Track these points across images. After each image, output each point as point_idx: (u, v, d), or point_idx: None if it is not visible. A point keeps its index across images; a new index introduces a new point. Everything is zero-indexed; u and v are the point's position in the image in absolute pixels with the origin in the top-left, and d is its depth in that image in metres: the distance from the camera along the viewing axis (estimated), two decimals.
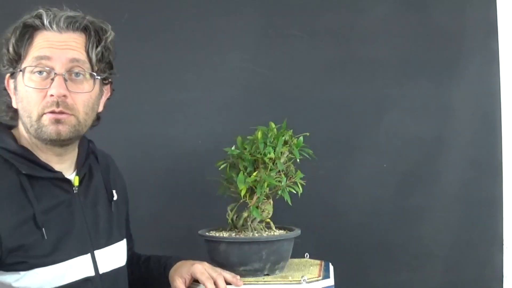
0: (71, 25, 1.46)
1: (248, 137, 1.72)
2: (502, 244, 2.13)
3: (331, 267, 1.77)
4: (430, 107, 2.16)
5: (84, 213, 1.53)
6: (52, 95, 1.42)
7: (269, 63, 2.19)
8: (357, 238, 2.16)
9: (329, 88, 2.18)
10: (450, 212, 2.15)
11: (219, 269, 1.62)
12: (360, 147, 2.17)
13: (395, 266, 2.16)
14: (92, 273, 1.51)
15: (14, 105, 1.49)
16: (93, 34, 1.48)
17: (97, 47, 1.48)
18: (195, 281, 1.61)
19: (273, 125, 1.72)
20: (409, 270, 2.15)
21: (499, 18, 2.13)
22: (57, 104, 1.42)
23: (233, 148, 1.71)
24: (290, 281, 1.59)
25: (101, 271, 1.52)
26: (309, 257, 1.86)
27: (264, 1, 2.21)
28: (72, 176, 1.54)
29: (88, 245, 1.52)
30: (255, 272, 1.62)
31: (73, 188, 1.52)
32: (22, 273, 1.40)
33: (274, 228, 1.73)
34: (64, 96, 1.43)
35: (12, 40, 1.45)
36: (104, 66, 1.52)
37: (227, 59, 2.19)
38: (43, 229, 1.42)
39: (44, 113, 1.43)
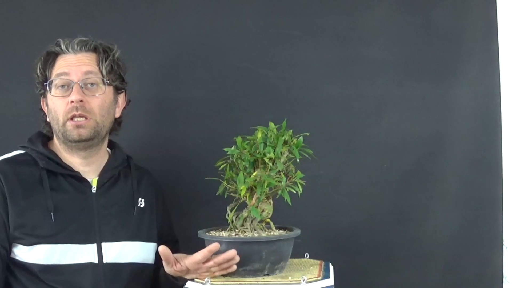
0: (84, 47, 1.79)
1: (248, 137, 1.72)
2: (502, 244, 2.13)
3: (331, 267, 1.77)
4: (430, 107, 2.16)
5: (97, 210, 1.77)
6: (72, 101, 1.72)
7: (269, 63, 2.18)
8: (357, 238, 2.16)
9: (329, 88, 2.18)
10: (450, 212, 2.15)
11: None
12: (360, 147, 2.17)
13: (395, 266, 2.16)
14: (95, 260, 1.74)
15: (48, 119, 1.80)
16: (101, 51, 1.80)
17: (106, 61, 1.79)
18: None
19: (272, 125, 1.72)
20: (409, 270, 2.15)
21: (499, 18, 2.13)
22: (76, 109, 1.73)
23: (233, 148, 1.71)
24: (290, 281, 1.59)
25: (105, 261, 1.75)
26: (309, 257, 1.85)
27: (264, 1, 2.21)
28: (92, 178, 1.80)
29: (95, 236, 1.76)
30: (255, 272, 1.62)
31: (92, 188, 1.78)
32: (28, 247, 1.68)
33: (274, 228, 1.73)
34: (82, 101, 1.73)
35: (39, 65, 1.79)
36: (114, 76, 1.82)
37: (227, 59, 2.19)
38: (52, 213, 1.71)
39: (68, 119, 1.73)
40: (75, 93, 1.73)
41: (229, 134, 1.76)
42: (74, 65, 1.76)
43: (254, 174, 1.65)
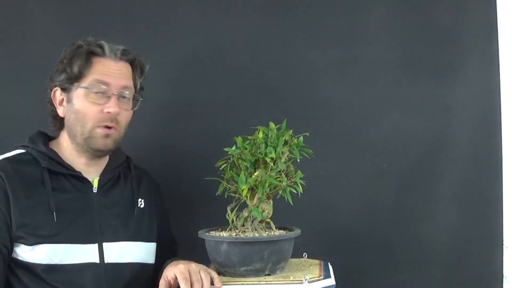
0: (124, 56, 1.79)
1: (249, 137, 1.72)
2: (502, 244, 2.13)
3: (330, 267, 1.77)
4: (430, 107, 2.15)
5: (98, 210, 1.78)
6: (109, 112, 1.74)
7: (269, 63, 2.18)
8: (357, 238, 2.16)
9: (329, 88, 2.18)
10: (450, 212, 2.14)
11: (204, 274, 1.58)
12: (360, 147, 2.17)
13: (395, 266, 2.15)
14: (96, 260, 1.74)
15: (61, 114, 1.78)
16: (138, 67, 1.83)
17: (140, 78, 1.84)
18: None
19: (273, 125, 1.72)
20: (409, 270, 2.15)
21: (499, 18, 2.13)
22: (111, 120, 1.75)
23: (233, 148, 1.71)
24: (292, 280, 1.59)
25: (106, 261, 1.75)
26: (308, 257, 1.86)
27: (264, 1, 2.21)
28: (93, 178, 1.81)
29: (97, 236, 1.76)
30: (256, 272, 1.62)
31: (93, 188, 1.79)
32: (31, 246, 1.68)
33: (274, 228, 1.73)
34: (117, 113, 1.75)
35: (73, 60, 1.74)
36: (141, 92, 1.86)
37: (227, 59, 2.19)
38: (54, 213, 1.71)
39: (98, 126, 1.74)
40: (115, 105, 1.75)
41: (229, 134, 1.77)
42: (114, 75, 1.76)
43: (256, 174, 1.65)
